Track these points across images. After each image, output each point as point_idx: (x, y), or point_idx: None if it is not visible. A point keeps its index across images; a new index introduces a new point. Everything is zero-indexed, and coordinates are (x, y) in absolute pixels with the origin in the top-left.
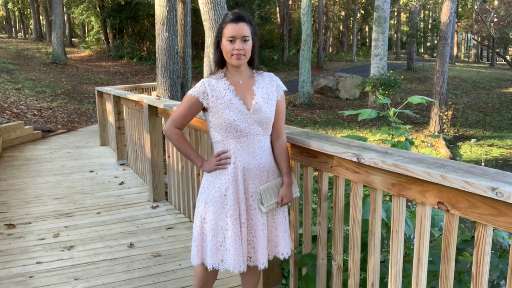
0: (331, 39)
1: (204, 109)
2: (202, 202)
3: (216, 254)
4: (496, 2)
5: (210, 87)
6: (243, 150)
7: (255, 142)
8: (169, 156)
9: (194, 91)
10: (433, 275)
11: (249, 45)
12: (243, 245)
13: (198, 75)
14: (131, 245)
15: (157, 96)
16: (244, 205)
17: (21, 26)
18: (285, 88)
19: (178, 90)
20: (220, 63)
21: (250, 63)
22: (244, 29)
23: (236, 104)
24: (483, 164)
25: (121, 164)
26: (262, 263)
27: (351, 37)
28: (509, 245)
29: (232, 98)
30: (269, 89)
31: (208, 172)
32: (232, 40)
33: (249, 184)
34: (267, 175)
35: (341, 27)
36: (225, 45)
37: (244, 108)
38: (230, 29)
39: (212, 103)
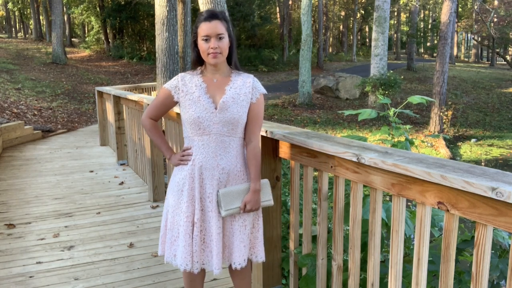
0: (331, 39)
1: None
2: (167, 194)
3: (170, 248)
4: (496, 2)
5: (182, 82)
6: (204, 148)
7: (217, 142)
8: None
9: (168, 84)
10: (433, 275)
11: (224, 42)
12: (193, 244)
13: None
14: (131, 245)
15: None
16: (199, 205)
17: (21, 26)
18: (264, 91)
19: None
20: (198, 62)
21: (230, 62)
22: (218, 26)
23: (204, 101)
24: (483, 164)
25: (121, 164)
26: (217, 268)
27: (351, 37)
28: (509, 245)
29: (201, 95)
30: (242, 90)
31: (174, 166)
32: (207, 39)
33: (206, 184)
34: (227, 178)
35: (341, 27)
36: (201, 44)
37: (211, 106)
38: (204, 28)
39: (182, 98)
